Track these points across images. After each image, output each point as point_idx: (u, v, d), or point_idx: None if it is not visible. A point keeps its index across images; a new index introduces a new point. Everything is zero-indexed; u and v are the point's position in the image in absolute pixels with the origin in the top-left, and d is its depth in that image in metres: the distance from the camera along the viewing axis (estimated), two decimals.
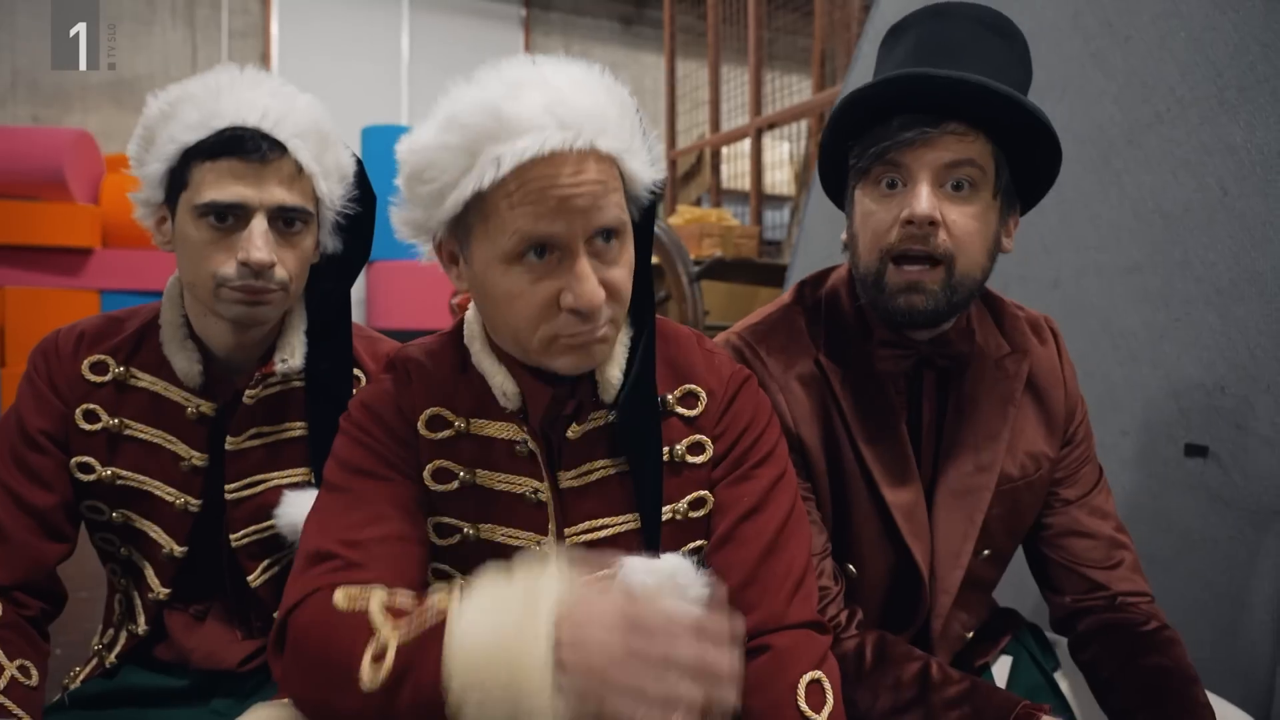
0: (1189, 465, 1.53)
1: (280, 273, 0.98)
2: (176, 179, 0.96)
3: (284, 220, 0.98)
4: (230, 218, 0.95)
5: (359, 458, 0.84)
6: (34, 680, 0.94)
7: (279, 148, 0.95)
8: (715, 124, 5.47)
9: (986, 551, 1.06)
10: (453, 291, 4.07)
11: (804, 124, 5.04)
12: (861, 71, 2.49)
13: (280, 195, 0.96)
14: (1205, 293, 1.49)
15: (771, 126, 4.99)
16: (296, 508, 1.00)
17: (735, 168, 5.74)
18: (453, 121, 0.73)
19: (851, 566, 1.03)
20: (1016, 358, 1.06)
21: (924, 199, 0.91)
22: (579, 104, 0.73)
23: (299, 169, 0.97)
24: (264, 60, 6.89)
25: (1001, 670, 1.11)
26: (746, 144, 5.20)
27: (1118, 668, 0.99)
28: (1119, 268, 1.65)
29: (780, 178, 5.54)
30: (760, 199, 4.95)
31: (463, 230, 0.78)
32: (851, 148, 0.99)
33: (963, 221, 0.92)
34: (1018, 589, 1.66)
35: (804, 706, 0.78)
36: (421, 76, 7.35)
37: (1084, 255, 1.70)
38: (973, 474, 1.02)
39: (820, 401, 1.02)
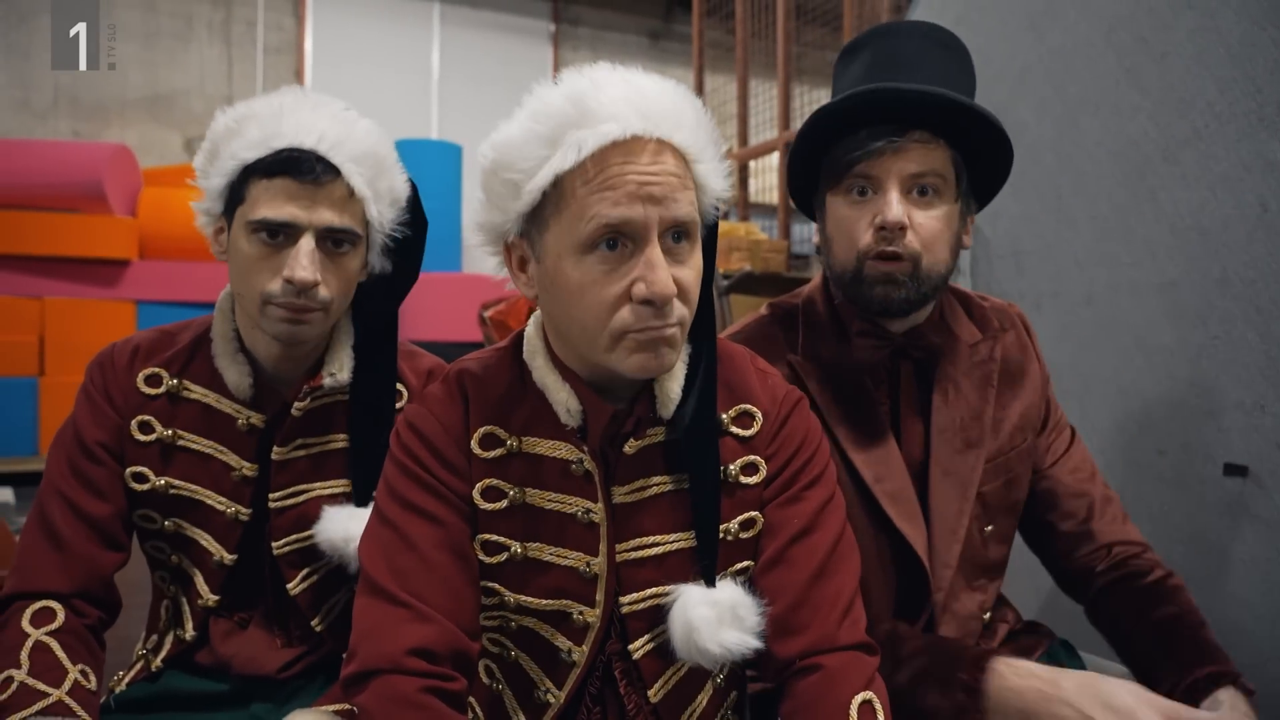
0: (1228, 485, 1.50)
1: (323, 293, 0.99)
2: (235, 193, 0.99)
3: (332, 241, 1.00)
4: (280, 235, 0.97)
5: (407, 488, 0.84)
6: (93, 684, 0.95)
7: (333, 170, 0.98)
8: (743, 138, 5.48)
9: (990, 528, 1.11)
10: (482, 304, 4.10)
11: None
12: None
13: (329, 217, 0.98)
14: (1245, 310, 1.47)
15: None
16: (335, 524, 1.01)
17: (763, 181, 5.74)
18: (536, 114, 0.76)
19: None
20: (989, 342, 1.14)
21: (894, 206, 0.99)
22: (659, 101, 0.77)
23: (351, 192, 0.99)
24: (298, 76, 7.01)
25: None
26: (774, 158, 5.21)
27: (1133, 624, 1.07)
28: (1154, 284, 1.63)
29: None
30: (788, 213, 4.94)
31: (536, 225, 0.79)
32: (822, 158, 1.07)
33: (928, 224, 1.01)
34: (1036, 594, 1.64)
35: None
36: (451, 91, 7.44)
37: (1118, 272, 1.69)
38: (961, 451, 1.08)
39: None
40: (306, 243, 0.97)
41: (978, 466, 1.08)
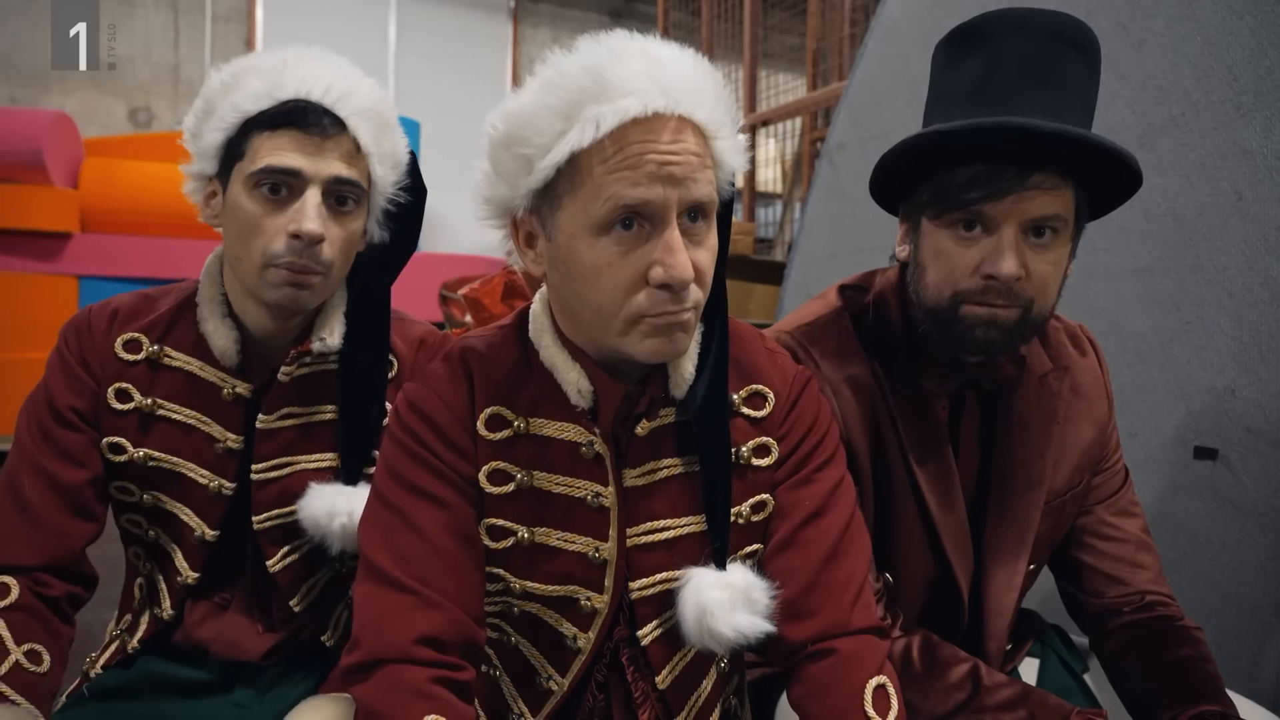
0: (1198, 468, 1.54)
1: (326, 252, 0.96)
2: (233, 149, 0.95)
3: (337, 197, 0.97)
4: (284, 189, 0.94)
5: (410, 470, 0.81)
6: (44, 666, 0.90)
7: (339, 124, 0.95)
8: None
9: (1032, 566, 1.05)
10: (443, 283, 4.03)
11: (797, 122, 5.04)
12: (868, 69, 2.48)
13: (337, 168, 0.95)
14: (1217, 296, 1.50)
15: (765, 124, 4.99)
16: (319, 500, 0.97)
17: None
18: (551, 84, 0.72)
19: (888, 575, 1.02)
20: (1059, 373, 1.05)
21: (1009, 259, 0.87)
22: (680, 74, 0.73)
23: (357, 148, 0.97)
24: (248, 45, 6.78)
25: (1029, 673, 1.10)
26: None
27: (1144, 656, 1.00)
28: (1128, 270, 1.66)
29: (769, 176, 5.54)
30: (753, 197, 4.94)
31: (549, 202, 0.75)
32: (922, 178, 0.95)
33: (1042, 269, 0.90)
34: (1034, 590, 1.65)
35: (870, 712, 0.77)
36: (408, 67, 7.27)
37: (1092, 257, 1.71)
38: (1024, 493, 1.01)
39: (869, 408, 1.00)
40: (313, 195, 0.94)
41: (1037, 509, 1.01)
